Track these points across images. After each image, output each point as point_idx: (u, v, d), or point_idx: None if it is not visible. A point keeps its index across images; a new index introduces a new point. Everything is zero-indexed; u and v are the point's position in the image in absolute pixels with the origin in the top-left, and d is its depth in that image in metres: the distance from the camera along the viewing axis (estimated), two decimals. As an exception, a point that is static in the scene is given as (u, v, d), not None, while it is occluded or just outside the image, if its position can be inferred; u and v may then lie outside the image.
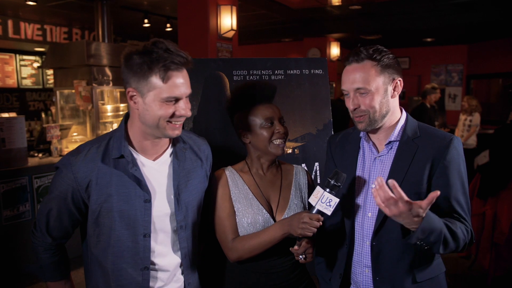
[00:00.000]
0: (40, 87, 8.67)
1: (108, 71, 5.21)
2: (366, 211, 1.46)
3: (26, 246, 3.70)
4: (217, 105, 2.01)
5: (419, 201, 1.18)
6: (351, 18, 7.57)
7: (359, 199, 1.48)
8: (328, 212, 1.35)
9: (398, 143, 1.44)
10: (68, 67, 5.25)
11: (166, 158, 1.45)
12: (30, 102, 8.50)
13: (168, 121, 1.31)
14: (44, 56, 8.16)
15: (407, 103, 9.58)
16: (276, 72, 2.19)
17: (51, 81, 8.38)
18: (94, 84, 5.00)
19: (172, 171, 1.44)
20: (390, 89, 1.42)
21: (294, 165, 1.72)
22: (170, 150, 1.46)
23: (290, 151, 2.16)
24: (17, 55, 8.21)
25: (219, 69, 2.06)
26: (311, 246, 1.43)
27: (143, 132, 1.37)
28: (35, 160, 4.30)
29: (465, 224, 1.36)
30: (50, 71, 8.22)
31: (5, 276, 3.62)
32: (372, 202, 1.45)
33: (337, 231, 1.54)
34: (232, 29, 5.11)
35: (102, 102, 5.29)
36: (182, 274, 1.48)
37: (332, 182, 1.36)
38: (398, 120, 1.46)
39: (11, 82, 8.19)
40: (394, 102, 1.45)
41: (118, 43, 7.42)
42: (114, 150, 1.36)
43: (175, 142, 1.48)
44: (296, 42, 9.68)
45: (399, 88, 1.44)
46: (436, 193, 1.16)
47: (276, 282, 1.54)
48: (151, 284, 1.41)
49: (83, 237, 1.48)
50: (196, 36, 5.03)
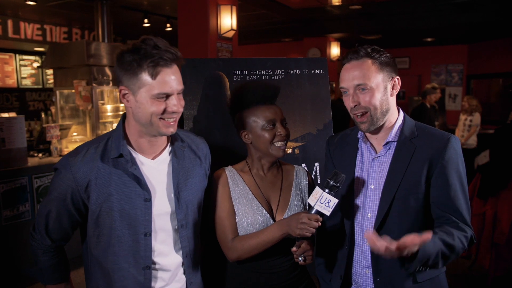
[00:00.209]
0: (40, 87, 8.67)
1: (108, 71, 5.21)
2: (365, 212, 1.46)
3: (26, 246, 3.68)
4: (217, 105, 2.01)
5: (412, 237, 1.17)
6: (351, 18, 7.57)
7: (358, 200, 1.48)
8: (327, 212, 1.35)
9: (396, 143, 1.44)
10: (68, 67, 5.24)
11: (165, 157, 1.45)
12: (30, 102, 8.50)
13: (161, 118, 1.31)
14: (44, 56, 8.15)
15: (407, 103, 9.57)
16: (276, 72, 2.18)
17: (51, 81, 8.37)
18: (94, 84, 5.00)
19: (172, 169, 1.44)
20: (389, 87, 1.42)
21: (295, 165, 1.72)
22: (168, 149, 1.46)
23: (290, 151, 2.16)
24: (17, 55, 8.21)
25: (219, 69, 2.06)
26: (310, 248, 1.42)
27: (139, 131, 1.37)
28: (35, 160, 4.30)
29: (463, 228, 1.36)
30: (50, 71, 8.21)
31: (5, 276, 3.62)
32: (371, 202, 1.45)
33: (337, 232, 1.53)
34: (232, 29, 5.11)
35: (102, 102, 5.29)
36: (184, 273, 1.47)
37: (331, 183, 1.35)
38: (396, 120, 1.46)
39: (11, 82, 8.19)
40: (393, 101, 1.45)
41: (118, 43, 7.41)
42: (113, 150, 1.36)
43: (173, 141, 1.48)
44: (296, 42, 9.68)
45: (397, 87, 1.45)
46: (428, 236, 1.17)
47: (276, 282, 1.54)
48: (153, 284, 1.40)
49: (83, 238, 1.47)
50: (196, 36, 5.02)
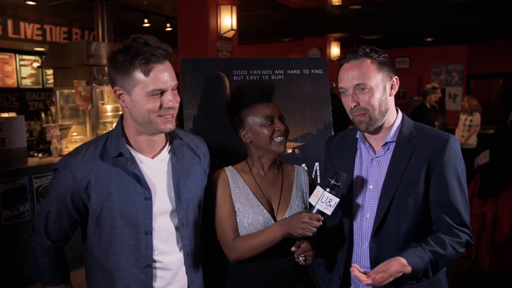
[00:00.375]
0: (40, 87, 8.66)
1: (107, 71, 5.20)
2: (364, 212, 1.46)
3: (25, 246, 3.64)
4: (217, 105, 2.00)
5: (396, 265, 1.22)
6: (351, 18, 7.57)
7: (357, 201, 1.48)
8: (328, 212, 1.35)
9: (394, 143, 1.44)
10: (68, 67, 5.24)
11: (165, 156, 1.45)
12: (30, 102, 8.49)
13: (158, 115, 1.31)
14: (44, 56, 8.15)
15: (407, 103, 9.56)
16: (276, 72, 2.18)
17: (51, 81, 8.37)
18: (94, 84, 5.00)
19: (171, 168, 1.44)
20: (388, 87, 1.42)
21: (296, 165, 1.72)
22: (167, 148, 1.46)
23: (290, 151, 2.16)
24: (16, 55, 8.21)
25: (219, 69, 2.06)
26: (311, 248, 1.42)
27: (137, 130, 1.37)
28: (35, 160, 4.30)
29: (456, 234, 1.36)
30: (50, 71, 8.21)
31: (5, 276, 3.62)
32: (370, 203, 1.45)
33: (336, 232, 1.53)
34: (232, 29, 5.10)
35: (102, 102, 5.28)
36: (185, 272, 1.47)
37: (332, 182, 1.35)
38: (395, 121, 1.46)
39: (11, 82, 8.18)
40: (392, 101, 1.45)
41: (118, 43, 7.41)
42: (112, 149, 1.36)
43: (172, 140, 1.48)
44: (296, 42, 9.67)
45: (396, 87, 1.45)
46: (408, 269, 1.21)
47: (277, 282, 1.54)
48: (155, 283, 1.40)
49: (84, 239, 1.47)
50: (196, 36, 5.02)
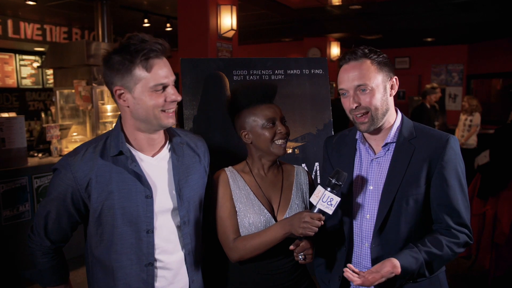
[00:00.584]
0: (40, 87, 8.67)
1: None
2: (364, 213, 1.46)
3: (25, 246, 3.65)
4: (217, 105, 2.00)
5: (388, 266, 1.26)
6: (351, 18, 7.57)
7: (357, 201, 1.48)
8: (330, 211, 1.35)
9: (394, 144, 1.44)
10: (68, 67, 5.24)
11: (165, 154, 1.45)
12: (30, 102, 8.50)
13: (162, 110, 1.32)
14: (44, 56, 8.15)
15: (407, 103, 9.57)
16: (276, 72, 2.18)
17: (51, 81, 8.37)
18: (94, 84, 4.99)
19: (172, 166, 1.44)
20: (388, 87, 1.42)
21: (295, 165, 1.71)
22: (167, 146, 1.46)
23: (290, 151, 2.16)
24: (16, 55, 8.21)
25: (219, 69, 2.06)
26: (310, 247, 1.42)
27: (138, 129, 1.37)
28: (35, 160, 4.29)
29: (455, 234, 1.36)
30: (50, 71, 8.21)
31: (4, 276, 3.62)
32: (370, 204, 1.45)
33: (335, 233, 1.53)
34: (232, 29, 5.10)
35: (102, 102, 5.28)
36: (187, 271, 1.47)
37: (333, 181, 1.36)
38: (394, 121, 1.46)
39: (11, 82, 8.19)
40: (392, 101, 1.46)
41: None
42: (112, 148, 1.36)
43: (171, 138, 1.48)
44: (296, 42, 9.67)
45: (396, 87, 1.45)
46: (398, 271, 1.25)
47: (277, 283, 1.54)
48: (156, 283, 1.40)
49: (86, 238, 1.46)
50: (196, 36, 5.02)
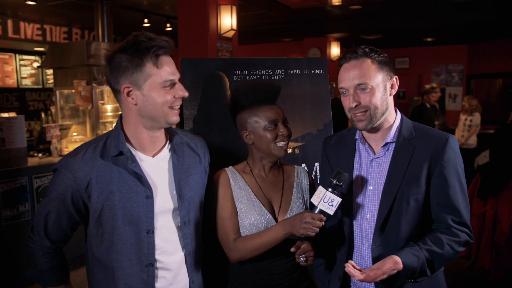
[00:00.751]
0: (40, 87, 8.66)
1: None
2: (364, 213, 1.46)
3: (25, 246, 3.65)
4: (217, 105, 2.00)
5: (390, 262, 1.26)
6: (351, 18, 7.56)
7: (357, 201, 1.48)
8: (331, 212, 1.35)
9: (394, 144, 1.44)
10: (68, 67, 5.24)
11: (165, 154, 1.45)
12: (30, 102, 8.49)
13: (170, 106, 1.34)
14: (44, 56, 8.15)
15: (407, 103, 9.57)
16: (276, 72, 2.18)
17: (51, 81, 8.37)
18: (94, 84, 4.99)
19: (172, 166, 1.44)
20: (388, 86, 1.42)
21: (296, 166, 1.71)
22: (168, 146, 1.46)
23: (290, 151, 2.16)
24: (16, 55, 8.21)
25: (219, 69, 2.06)
26: (311, 248, 1.42)
27: (142, 127, 1.37)
28: (35, 160, 4.29)
29: (455, 233, 1.36)
30: (50, 71, 8.21)
31: (4, 276, 3.62)
32: (370, 204, 1.45)
33: (335, 233, 1.53)
34: (232, 29, 5.11)
35: (102, 102, 5.28)
36: (187, 272, 1.47)
37: (335, 182, 1.36)
38: (394, 121, 1.46)
39: (11, 82, 8.18)
40: (391, 101, 1.46)
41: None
42: (112, 148, 1.36)
43: (171, 138, 1.48)
44: (296, 42, 9.68)
45: (396, 86, 1.45)
46: (400, 266, 1.25)
47: (277, 283, 1.54)
48: (157, 283, 1.40)
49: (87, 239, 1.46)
50: (196, 36, 5.02)
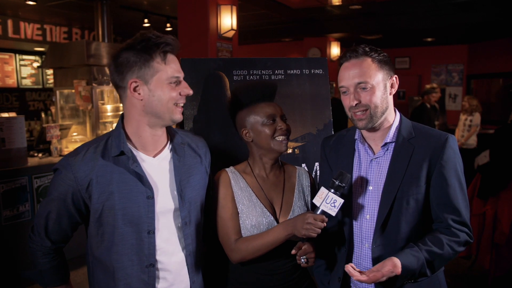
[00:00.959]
0: (40, 87, 8.66)
1: (107, 71, 5.19)
2: (364, 213, 1.45)
3: (25, 246, 3.65)
4: (217, 105, 2.00)
5: (389, 265, 1.25)
6: (351, 18, 7.57)
7: (357, 202, 1.48)
8: (333, 213, 1.35)
9: (394, 144, 1.44)
10: (68, 67, 5.24)
11: (166, 154, 1.45)
12: (30, 102, 8.49)
13: (175, 103, 1.36)
14: (44, 56, 8.16)
15: (407, 103, 9.57)
16: (276, 72, 2.18)
17: (51, 81, 8.37)
18: (94, 84, 4.99)
19: (173, 166, 1.44)
20: (388, 85, 1.42)
21: (297, 167, 1.71)
22: (169, 146, 1.46)
23: (290, 151, 2.15)
24: (16, 55, 8.21)
25: (219, 69, 2.06)
26: (312, 250, 1.42)
27: (145, 125, 1.37)
28: (35, 160, 4.29)
29: (455, 233, 1.36)
30: (50, 71, 8.21)
31: (4, 276, 3.62)
32: (370, 204, 1.45)
33: (335, 234, 1.53)
34: (232, 29, 5.11)
35: (102, 102, 5.28)
36: (188, 272, 1.47)
37: (337, 183, 1.35)
38: (393, 121, 1.46)
39: (11, 82, 8.19)
40: (391, 100, 1.46)
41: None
42: (113, 148, 1.36)
43: (172, 138, 1.48)
44: (296, 42, 9.67)
45: (396, 86, 1.45)
46: (398, 270, 1.24)
47: (278, 284, 1.54)
48: (157, 284, 1.40)
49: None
50: (196, 36, 5.02)
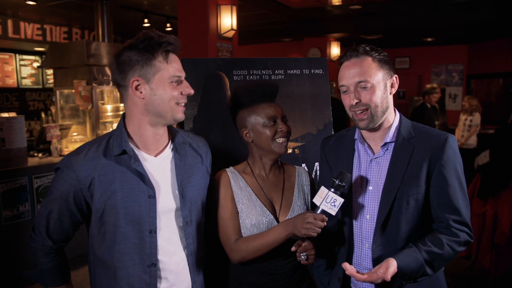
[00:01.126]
0: (40, 87, 8.66)
1: (108, 71, 5.20)
2: (364, 213, 1.45)
3: (26, 246, 3.64)
4: (217, 105, 2.00)
5: (384, 266, 1.26)
6: (351, 18, 7.57)
7: (357, 202, 1.48)
8: (333, 212, 1.35)
9: (393, 144, 1.43)
10: (68, 67, 5.24)
11: (168, 154, 1.45)
12: (30, 102, 8.49)
13: (177, 102, 1.36)
14: (44, 56, 8.16)
15: (407, 103, 9.57)
16: (276, 72, 2.18)
17: (51, 81, 8.38)
18: (94, 84, 5.00)
19: (175, 166, 1.44)
20: (388, 85, 1.42)
21: (297, 166, 1.71)
22: (170, 146, 1.47)
23: (290, 151, 2.16)
24: (17, 55, 8.21)
25: (219, 69, 2.06)
26: (313, 247, 1.42)
27: (147, 123, 1.37)
28: (35, 160, 4.29)
29: (455, 233, 1.36)
30: (50, 71, 8.21)
31: (4, 276, 3.62)
32: (370, 204, 1.45)
33: (335, 234, 1.52)
34: (232, 29, 5.10)
35: (102, 102, 5.28)
36: (189, 272, 1.47)
37: (337, 182, 1.35)
38: (393, 121, 1.46)
39: (11, 82, 8.18)
40: (391, 100, 1.46)
41: (118, 43, 7.41)
42: (115, 148, 1.36)
43: (174, 138, 1.48)
44: (296, 42, 9.67)
45: (396, 85, 1.45)
46: (394, 270, 1.25)
47: (278, 284, 1.54)
48: (159, 284, 1.40)
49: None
50: (196, 36, 5.02)
